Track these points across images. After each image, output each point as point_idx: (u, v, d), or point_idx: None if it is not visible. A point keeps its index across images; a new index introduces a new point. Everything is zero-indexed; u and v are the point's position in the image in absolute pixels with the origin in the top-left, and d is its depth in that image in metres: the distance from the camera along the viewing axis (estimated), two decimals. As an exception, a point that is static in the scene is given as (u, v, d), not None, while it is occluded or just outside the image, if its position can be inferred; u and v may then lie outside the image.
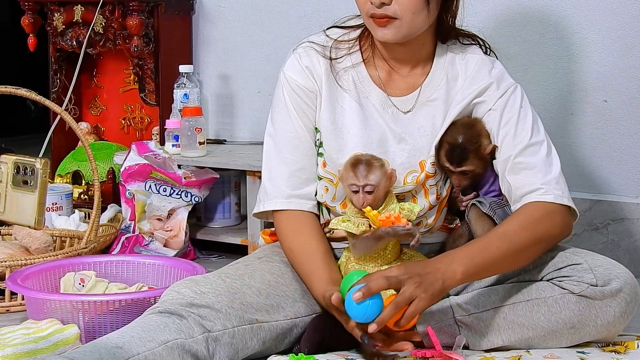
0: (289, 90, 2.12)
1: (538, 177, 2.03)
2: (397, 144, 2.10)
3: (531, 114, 2.09)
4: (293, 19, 3.16)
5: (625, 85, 2.71)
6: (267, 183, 2.13)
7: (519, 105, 2.09)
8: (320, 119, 2.11)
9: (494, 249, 1.93)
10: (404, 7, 1.98)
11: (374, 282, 1.82)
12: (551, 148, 2.08)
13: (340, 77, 2.12)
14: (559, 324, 1.98)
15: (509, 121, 2.07)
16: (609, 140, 2.74)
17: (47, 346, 1.95)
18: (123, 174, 2.88)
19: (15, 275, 2.26)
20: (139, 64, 3.22)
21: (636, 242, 2.70)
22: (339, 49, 2.14)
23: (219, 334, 1.87)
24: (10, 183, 2.63)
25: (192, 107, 3.02)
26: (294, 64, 2.13)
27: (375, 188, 1.99)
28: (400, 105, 2.11)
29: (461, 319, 2.01)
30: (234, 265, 2.07)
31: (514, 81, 2.12)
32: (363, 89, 2.12)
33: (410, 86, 2.13)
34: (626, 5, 2.68)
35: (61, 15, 3.31)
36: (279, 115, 2.13)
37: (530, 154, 2.05)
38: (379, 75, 2.13)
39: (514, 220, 2.00)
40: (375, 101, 2.11)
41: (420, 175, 2.08)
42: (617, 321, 1.98)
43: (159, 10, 3.20)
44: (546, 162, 2.05)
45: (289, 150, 2.11)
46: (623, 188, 2.74)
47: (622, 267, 2.00)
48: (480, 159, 2.09)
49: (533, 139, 2.06)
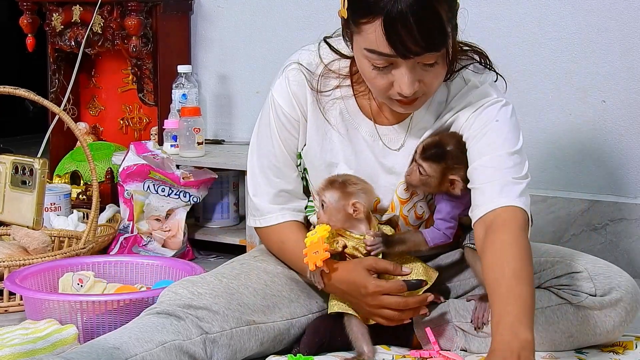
0: (275, 114, 2.02)
1: (495, 191, 1.85)
2: (388, 175, 2.01)
3: (507, 129, 1.91)
4: (291, 20, 3.16)
5: (623, 86, 2.71)
6: (255, 199, 2.08)
7: (493, 118, 1.92)
8: (307, 151, 2.03)
9: (523, 289, 1.72)
10: (430, 86, 1.84)
11: None
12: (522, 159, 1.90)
13: (327, 111, 2.00)
14: (556, 333, 1.97)
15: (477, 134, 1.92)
16: (608, 140, 2.74)
17: (45, 346, 1.95)
18: (121, 174, 2.87)
19: (14, 275, 2.26)
20: (138, 64, 3.22)
21: (635, 243, 2.69)
22: (328, 78, 2.00)
23: (217, 336, 1.86)
24: (9, 183, 2.62)
25: (191, 108, 3.02)
26: (282, 88, 2.01)
27: (327, 208, 1.93)
28: (389, 142, 2.01)
29: (459, 325, 2.01)
30: (229, 264, 2.07)
31: (497, 96, 1.95)
32: (352, 121, 2.00)
33: (399, 116, 1.99)
34: (625, 6, 2.68)
35: (59, 16, 3.31)
36: (263, 133, 2.05)
37: (492, 167, 1.88)
38: (370, 106, 2.00)
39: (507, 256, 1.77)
40: (365, 133, 2.01)
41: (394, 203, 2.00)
42: (617, 329, 1.97)
43: (157, 11, 3.20)
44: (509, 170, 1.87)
45: (272, 173, 2.05)
46: (621, 188, 2.74)
47: (624, 274, 1.98)
48: (442, 179, 1.95)
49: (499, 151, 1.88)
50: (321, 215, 1.95)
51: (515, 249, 1.76)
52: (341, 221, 1.94)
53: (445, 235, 1.98)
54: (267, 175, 2.06)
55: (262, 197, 2.07)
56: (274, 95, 2.02)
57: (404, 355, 1.98)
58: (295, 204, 2.07)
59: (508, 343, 1.64)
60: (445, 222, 1.98)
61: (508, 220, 1.81)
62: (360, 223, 1.95)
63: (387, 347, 2.01)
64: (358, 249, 1.95)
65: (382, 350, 1.99)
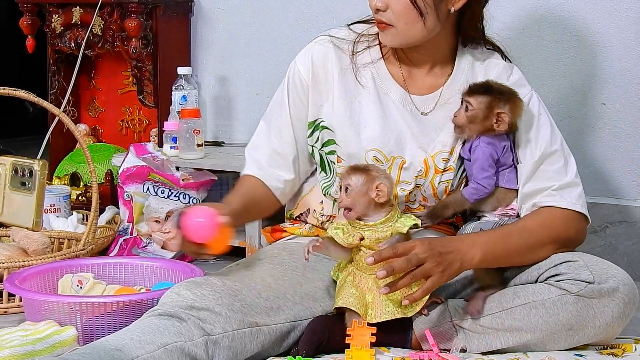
0: (292, 79, 2.16)
1: (554, 184, 2.06)
2: (414, 143, 2.10)
3: (549, 121, 2.12)
4: (291, 22, 3.16)
5: (623, 88, 2.71)
6: (248, 152, 2.20)
7: (537, 111, 2.11)
8: (333, 115, 2.13)
9: (514, 241, 2.01)
10: (397, 16, 2.01)
11: (397, 263, 1.88)
12: (568, 155, 2.12)
13: (360, 72, 2.13)
14: (557, 326, 1.98)
15: (528, 128, 2.09)
16: (608, 143, 2.74)
17: (44, 348, 1.95)
18: (121, 175, 2.87)
19: (13, 276, 2.26)
20: (137, 65, 3.22)
21: (634, 245, 2.70)
22: (360, 42, 2.15)
23: (219, 337, 1.86)
24: (8, 184, 2.63)
25: (191, 109, 3.02)
26: (305, 56, 2.16)
27: (352, 191, 1.97)
28: (420, 105, 2.13)
29: (459, 323, 2.02)
30: (234, 266, 2.08)
31: (531, 88, 2.14)
32: (382, 85, 2.13)
33: (431, 86, 2.14)
34: (625, 9, 2.68)
35: (60, 17, 3.31)
36: (276, 98, 2.19)
37: (548, 162, 2.08)
38: (401, 73, 2.14)
39: (533, 217, 2.06)
40: (395, 98, 2.12)
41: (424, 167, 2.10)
42: (616, 322, 1.98)
43: (157, 12, 3.20)
44: (562, 170, 2.09)
45: (274, 134, 2.17)
46: (622, 191, 2.75)
47: (618, 268, 2.01)
48: (488, 113, 2.05)
49: (552, 147, 2.09)
50: (344, 199, 1.98)
51: (548, 228, 2.02)
52: (364, 205, 1.97)
53: (483, 188, 2.06)
54: (269, 136, 2.17)
55: (255, 151, 2.18)
56: (296, 62, 2.17)
57: (403, 357, 1.98)
58: (280, 173, 2.16)
59: (455, 242, 1.96)
60: (483, 171, 2.05)
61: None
62: (381, 209, 1.98)
63: (386, 349, 2.01)
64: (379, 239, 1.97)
65: (381, 352, 1.99)
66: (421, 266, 1.90)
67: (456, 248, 1.95)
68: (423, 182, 2.11)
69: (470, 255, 1.96)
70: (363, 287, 1.99)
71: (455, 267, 1.94)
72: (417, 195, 2.13)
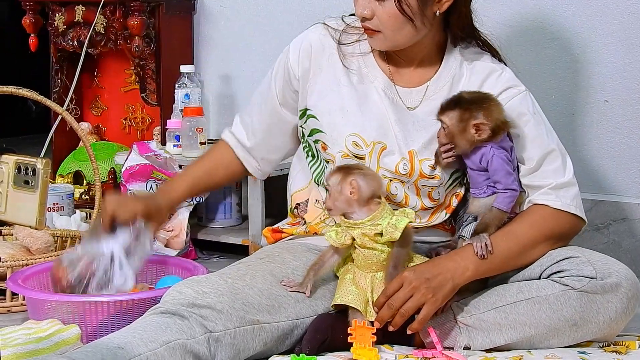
0: (284, 61, 2.19)
1: (551, 182, 2.06)
2: (397, 131, 2.09)
3: (543, 121, 2.11)
4: (294, 19, 3.16)
5: (626, 86, 2.71)
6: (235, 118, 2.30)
7: (532, 111, 2.10)
8: (317, 101, 2.14)
9: (503, 248, 2.00)
10: (383, 23, 2.02)
11: (382, 312, 1.94)
12: (565, 155, 2.10)
13: (347, 60, 2.14)
14: (560, 321, 1.98)
15: (523, 128, 2.08)
16: (610, 140, 2.74)
17: (48, 346, 1.95)
18: (124, 174, 2.88)
19: (17, 275, 2.26)
20: (140, 64, 3.22)
21: (637, 243, 2.69)
22: (349, 34, 2.16)
23: (221, 335, 1.87)
24: (12, 183, 2.63)
25: (194, 107, 3.02)
26: (298, 42, 2.19)
27: (330, 190, 1.99)
28: (406, 98, 2.12)
29: (462, 320, 2.01)
30: (235, 265, 2.07)
31: (524, 87, 2.12)
32: (369, 74, 2.14)
33: (418, 80, 2.14)
34: (627, 6, 2.68)
35: (62, 16, 3.31)
36: (269, 73, 2.24)
37: (546, 161, 2.07)
38: (388, 68, 2.14)
39: (521, 219, 2.05)
40: (379, 86, 2.12)
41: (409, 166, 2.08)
42: (619, 318, 1.98)
43: (160, 11, 3.20)
44: (560, 169, 2.08)
45: (256, 108, 2.25)
46: (624, 188, 2.74)
47: (620, 263, 2.02)
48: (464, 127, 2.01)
49: (549, 146, 2.08)
50: (327, 199, 2.00)
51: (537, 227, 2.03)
52: (343, 204, 1.98)
53: (514, 192, 2.03)
54: (252, 107, 2.27)
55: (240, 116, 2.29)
56: (290, 45, 2.20)
57: (407, 355, 1.98)
58: (244, 136, 2.25)
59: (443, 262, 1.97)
60: (509, 175, 2.02)
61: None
62: (367, 206, 1.97)
63: (390, 347, 2.01)
64: (367, 236, 1.96)
65: (384, 350, 1.99)
66: (411, 298, 1.92)
67: (445, 268, 1.96)
68: (407, 181, 2.09)
69: (462, 269, 1.96)
70: (362, 284, 1.99)
71: (447, 287, 1.94)
72: (399, 189, 2.11)
